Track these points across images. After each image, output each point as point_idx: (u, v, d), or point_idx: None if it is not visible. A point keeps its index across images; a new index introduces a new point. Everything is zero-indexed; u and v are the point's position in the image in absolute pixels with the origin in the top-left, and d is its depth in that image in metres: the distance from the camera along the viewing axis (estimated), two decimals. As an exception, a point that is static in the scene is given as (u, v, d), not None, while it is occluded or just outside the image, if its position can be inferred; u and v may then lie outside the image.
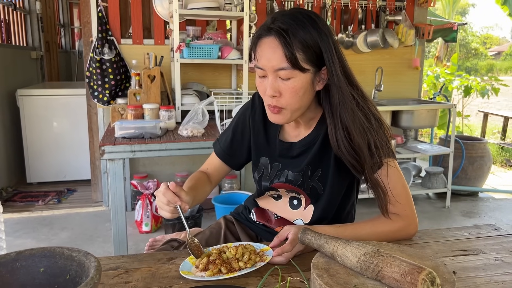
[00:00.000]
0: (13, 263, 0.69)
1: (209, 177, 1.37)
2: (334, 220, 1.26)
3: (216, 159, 1.38)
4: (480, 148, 3.95)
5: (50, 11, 5.66)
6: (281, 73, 1.06)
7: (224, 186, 3.56)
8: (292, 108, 1.10)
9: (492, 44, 29.88)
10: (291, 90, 1.07)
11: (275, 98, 1.09)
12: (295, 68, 1.05)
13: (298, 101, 1.09)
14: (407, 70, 4.02)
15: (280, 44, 1.04)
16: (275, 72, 1.07)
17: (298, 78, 1.06)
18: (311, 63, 1.07)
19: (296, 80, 1.06)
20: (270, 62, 1.06)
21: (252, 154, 1.34)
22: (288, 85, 1.07)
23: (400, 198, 1.13)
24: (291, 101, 1.09)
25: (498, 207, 3.75)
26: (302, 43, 1.04)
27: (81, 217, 3.39)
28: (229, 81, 3.61)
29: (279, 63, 1.05)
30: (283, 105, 1.10)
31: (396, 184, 1.14)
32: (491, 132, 7.35)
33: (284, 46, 1.03)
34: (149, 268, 0.99)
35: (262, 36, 1.08)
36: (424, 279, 0.76)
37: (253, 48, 1.12)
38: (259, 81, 1.13)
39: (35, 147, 3.98)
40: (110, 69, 3.28)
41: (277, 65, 1.05)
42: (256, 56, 1.11)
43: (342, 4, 3.74)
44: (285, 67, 1.05)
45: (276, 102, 1.09)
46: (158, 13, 3.37)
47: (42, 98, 4.00)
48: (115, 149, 2.35)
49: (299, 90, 1.07)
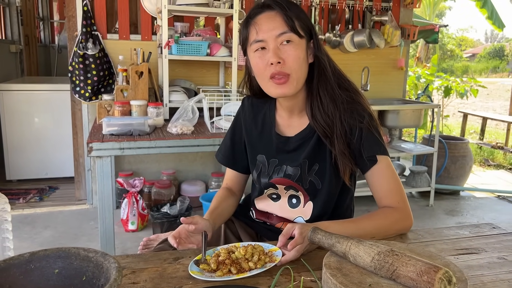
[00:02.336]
0: (27, 265, 0.66)
1: (231, 190, 1.41)
2: (333, 215, 1.27)
3: (228, 170, 1.42)
4: (462, 147, 4.03)
5: (29, 4, 5.50)
6: (283, 37, 1.13)
7: (211, 184, 3.54)
8: (297, 75, 1.15)
9: (467, 46, 30.61)
10: (293, 55, 1.13)
11: (279, 65, 1.12)
12: (294, 32, 1.13)
13: (300, 67, 1.15)
14: (392, 70, 4.07)
15: (279, 12, 1.13)
16: (276, 39, 1.13)
17: (297, 43, 1.14)
18: (304, 32, 1.16)
19: (296, 44, 1.14)
20: (271, 30, 1.12)
21: (248, 154, 1.35)
22: (290, 50, 1.13)
23: (394, 192, 1.18)
24: (295, 65, 1.14)
25: (479, 205, 3.84)
26: (296, 14, 1.15)
27: (64, 215, 3.32)
28: (217, 78, 3.58)
29: (280, 28, 1.12)
30: (288, 71, 1.13)
31: (390, 179, 1.18)
32: (468, 132, 7.53)
33: (283, 13, 1.13)
34: (156, 268, 0.97)
35: (257, 14, 1.16)
36: (441, 278, 0.77)
37: (246, 29, 1.18)
38: (257, 56, 1.16)
39: (15, 143, 3.87)
40: (94, 64, 3.21)
41: (279, 30, 1.12)
42: (251, 33, 1.16)
43: (329, 4, 3.75)
44: (286, 31, 1.12)
45: (281, 68, 1.13)
46: (146, 8, 3.32)
47: (23, 93, 3.89)
48: (103, 146, 2.30)
49: (300, 54, 1.14)
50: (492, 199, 4.02)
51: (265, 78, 1.16)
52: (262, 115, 1.33)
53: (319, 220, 1.24)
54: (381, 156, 1.18)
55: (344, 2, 3.76)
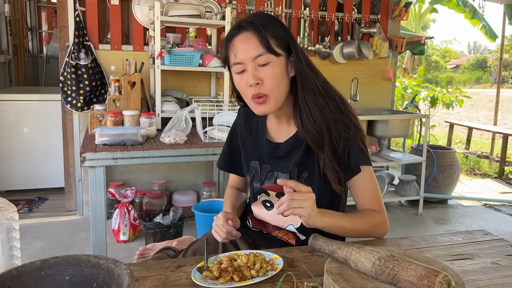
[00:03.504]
0: (38, 272, 0.67)
1: (237, 188, 1.51)
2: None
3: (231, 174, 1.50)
4: (449, 157, 4.10)
5: (18, 14, 5.47)
6: (259, 60, 1.15)
7: (203, 194, 3.54)
8: (275, 94, 1.18)
9: (451, 57, 31.21)
10: (271, 75, 1.16)
11: (257, 86, 1.16)
12: (270, 53, 1.15)
13: (278, 85, 1.18)
14: (380, 81, 4.14)
15: (254, 34, 1.15)
16: (253, 61, 1.15)
17: (275, 62, 1.16)
18: (282, 48, 1.18)
19: (273, 64, 1.16)
20: (248, 52, 1.15)
21: (243, 160, 1.40)
22: (268, 71, 1.16)
23: (374, 200, 1.24)
24: (273, 85, 1.17)
25: (467, 213, 3.90)
26: (271, 32, 1.16)
27: (54, 226, 3.28)
28: (209, 89, 3.60)
29: (255, 51, 1.14)
30: (266, 91, 1.17)
31: (372, 188, 1.24)
32: (454, 142, 7.65)
33: (258, 34, 1.14)
34: (159, 276, 0.98)
35: (234, 36, 1.18)
36: (441, 282, 0.79)
37: (226, 51, 1.20)
38: (238, 78, 1.20)
39: (3, 153, 3.83)
40: (86, 74, 3.21)
41: (255, 53, 1.15)
42: (230, 56, 1.19)
43: (319, 16, 3.82)
44: (262, 53, 1.14)
45: (259, 89, 1.17)
46: (138, 19, 3.34)
47: (12, 103, 3.86)
48: (96, 156, 2.30)
49: (278, 73, 1.17)
50: (479, 207, 4.09)
51: (247, 98, 1.22)
52: (255, 123, 1.38)
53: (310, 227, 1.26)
54: (364, 166, 1.22)
55: (333, 14, 3.83)
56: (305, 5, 3.82)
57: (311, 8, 3.79)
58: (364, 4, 3.95)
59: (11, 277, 0.64)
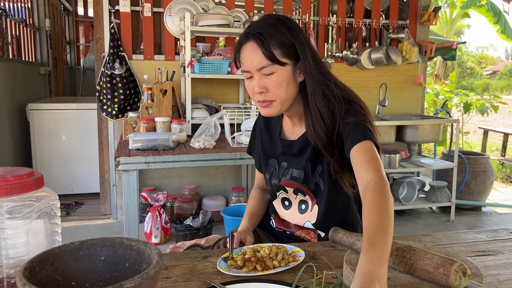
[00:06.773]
0: (77, 252, 0.74)
1: (263, 188, 1.54)
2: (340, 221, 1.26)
3: (257, 172, 1.55)
4: (482, 162, 4.01)
5: (58, 28, 5.76)
6: (264, 71, 1.18)
7: (232, 199, 3.61)
8: (281, 99, 1.21)
9: (487, 63, 30.31)
10: (275, 84, 1.19)
11: (263, 94, 1.21)
12: (275, 63, 1.17)
13: (284, 92, 1.20)
14: (410, 87, 4.12)
15: (258, 46, 1.17)
16: (258, 71, 1.19)
17: (280, 72, 1.18)
18: (288, 57, 1.19)
19: (278, 74, 1.18)
20: (252, 63, 1.18)
21: (262, 158, 1.46)
22: (272, 80, 1.19)
23: (370, 167, 1.06)
24: (278, 93, 1.20)
25: (501, 221, 3.80)
26: (277, 41, 1.17)
27: (90, 229, 3.42)
28: (237, 96, 3.68)
29: (259, 62, 1.17)
30: (272, 98, 1.21)
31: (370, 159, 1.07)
32: (490, 149, 7.44)
33: (262, 47, 1.16)
34: (186, 265, 1.04)
35: (242, 44, 1.21)
36: (456, 270, 0.81)
37: (237, 56, 1.25)
38: (247, 83, 1.25)
39: (44, 160, 4.03)
40: (120, 83, 3.36)
41: (259, 64, 1.17)
42: (240, 62, 1.23)
43: (346, 23, 3.85)
44: (266, 65, 1.17)
45: (265, 97, 1.21)
46: (169, 30, 3.47)
47: (51, 112, 4.06)
48: (130, 160, 2.40)
49: (282, 82, 1.19)
50: (515, 215, 3.98)
51: (255, 100, 1.27)
52: (273, 123, 1.44)
53: (325, 222, 1.30)
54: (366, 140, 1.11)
55: (361, 20, 3.85)
56: (332, 12, 3.86)
57: (338, 15, 3.83)
58: (392, 9, 3.95)
59: (54, 255, 0.72)
